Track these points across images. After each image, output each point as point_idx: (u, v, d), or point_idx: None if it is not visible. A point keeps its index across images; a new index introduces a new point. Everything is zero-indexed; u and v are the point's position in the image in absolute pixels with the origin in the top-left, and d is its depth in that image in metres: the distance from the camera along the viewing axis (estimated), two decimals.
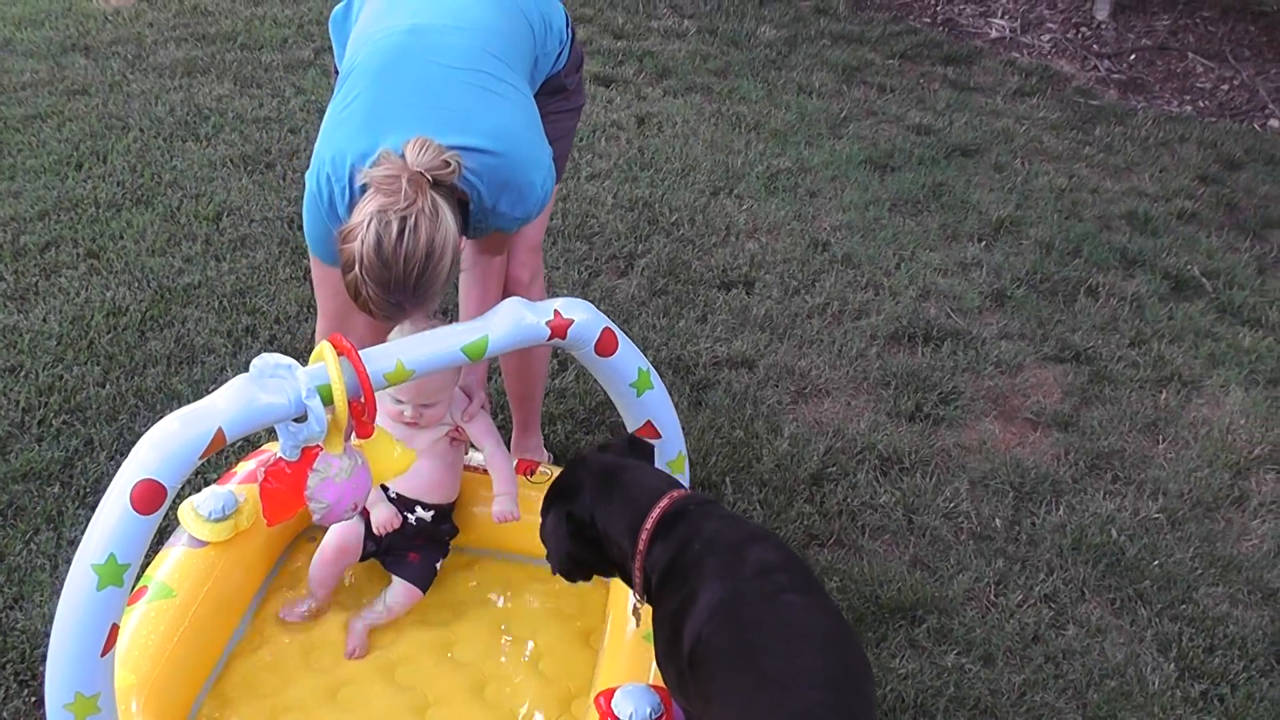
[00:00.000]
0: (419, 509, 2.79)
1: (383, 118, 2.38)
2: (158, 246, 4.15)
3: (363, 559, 2.78)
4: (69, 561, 2.82)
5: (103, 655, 2.03)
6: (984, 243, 4.66)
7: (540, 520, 2.40)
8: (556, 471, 2.96)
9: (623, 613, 2.56)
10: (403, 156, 2.25)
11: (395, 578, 2.74)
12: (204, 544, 2.64)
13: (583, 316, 2.41)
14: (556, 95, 2.78)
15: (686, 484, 2.76)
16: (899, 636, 2.86)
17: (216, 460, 3.16)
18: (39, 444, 3.21)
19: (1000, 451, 3.53)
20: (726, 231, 4.64)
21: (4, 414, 3.31)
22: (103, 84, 5.30)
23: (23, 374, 3.47)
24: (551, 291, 4.18)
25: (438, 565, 2.81)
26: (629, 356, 2.51)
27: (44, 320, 3.71)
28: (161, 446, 2.00)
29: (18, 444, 3.21)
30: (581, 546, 2.30)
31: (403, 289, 2.25)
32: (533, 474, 2.94)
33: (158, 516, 2.01)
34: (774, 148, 5.39)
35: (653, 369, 2.55)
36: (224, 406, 2.04)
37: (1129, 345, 4.08)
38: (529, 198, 2.47)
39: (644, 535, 2.19)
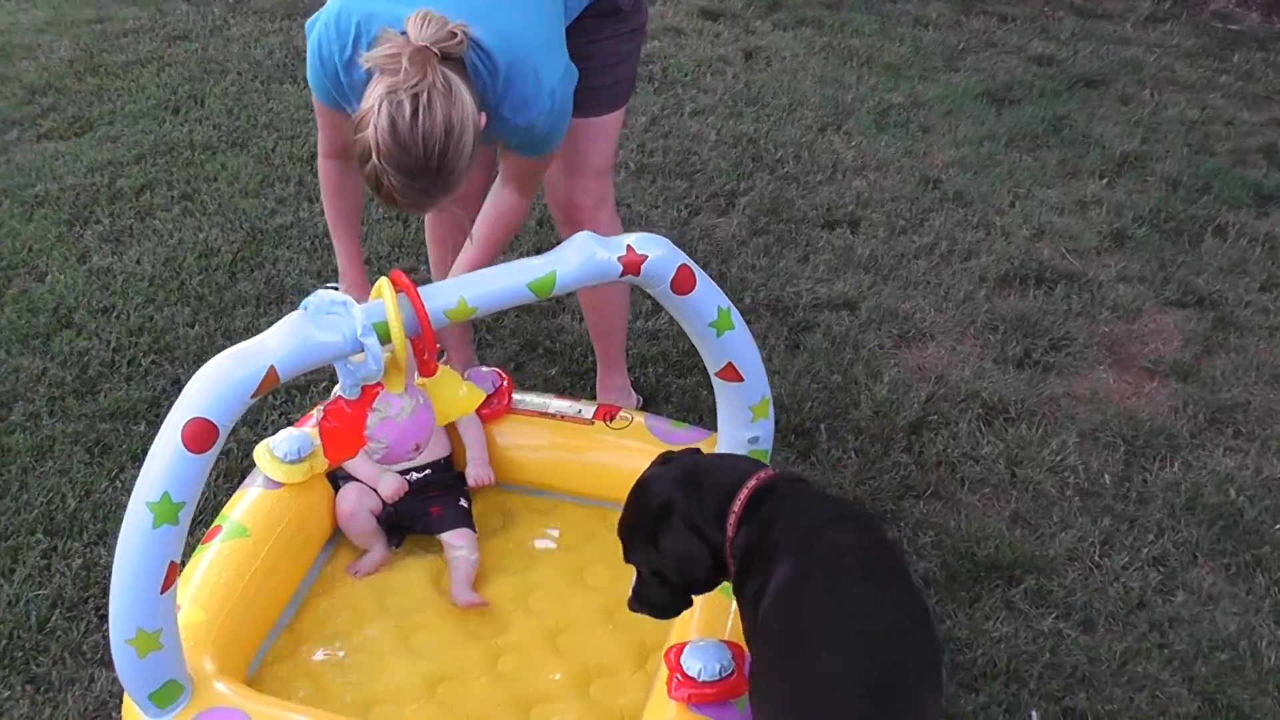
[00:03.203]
0: (413, 473, 2.72)
1: None
2: (251, 188, 4.15)
3: (390, 527, 2.73)
4: None
5: (162, 592, 2.00)
6: (1105, 179, 4.39)
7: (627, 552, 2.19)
8: (637, 415, 2.87)
9: None
10: (404, 34, 2.12)
11: (442, 538, 2.68)
12: (279, 485, 2.61)
13: (658, 252, 2.28)
14: (611, 17, 2.63)
15: (771, 428, 2.64)
16: (994, 597, 2.69)
17: (297, 402, 3.15)
18: (128, 383, 3.23)
19: (1113, 402, 3.31)
20: (833, 169, 4.47)
21: (95, 354, 3.33)
22: (203, 29, 5.33)
23: (115, 315, 3.50)
24: (650, 230, 4.06)
25: (462, 502, 2.74)
26: (708, 294, 2.38)
27: (137, 262, 3.73)
28: (213, 385, 1.95)
29: (107, 383, 3.23)
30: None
31: (426, 172, 2.12)
32: (613, 419, 2.83)
33: (211, 455, 1.96)
34: (886, 82, 5.17)
35: (734, 308, 2.42)
36: (276, 344, 1.98)
37: (1259, 289, 3.79)
38: (534, 105, 2.32)
39: (732, 519, 2.03)
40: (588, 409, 2.87)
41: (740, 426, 2.60)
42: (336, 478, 2.73)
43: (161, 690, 2.10)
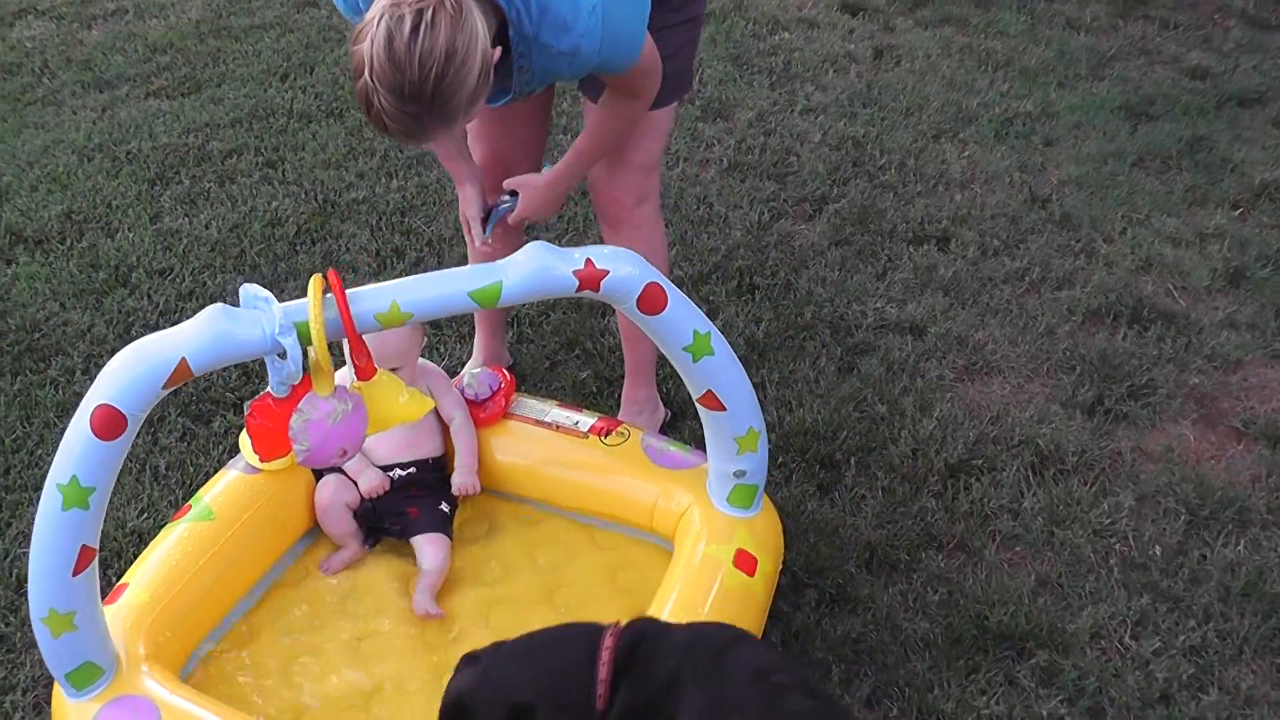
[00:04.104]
0: (396, 470, 2.65)
1: None
2: (335, 160, 4.15)
3: (365, 524, 2.66)
4: (153, 469, 2.89)
5: (75, 575, 1.97)
6: (1239, 210, 3.98)
7: None
8: (635, 431, 2.71)
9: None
10: None
11: (414, 540, 2.59)
12: (256, 471, 2.58)
13: (623, 269, 2.13)
14: (663, 4, 2.46)
15: (762, 462, 2.46)
16: (996, 670, 2.44)
17: None
18: None
19: (1186, 463, 2.98)
20: (937, 180, 4.19)
21: (142, 314, 3.38)
22: None
23: (170, 277, 3.54)
24: (725, 232, 3.90)
25: (443, 506, 2.65)
26: (683, 316, 2.22)
27: (206, 226, 3.77)
28: (124, 372, 1.91)
29: None
30: None
31: (418, 97, 1.97)
32: (608, 435, 2.69)
33: (122, 443, 1.92)
34: (1019, 88, 4.83)
35: (716, 331, 2.25)
36: (189, 337, 1.92)
37: None
38: (574, 27, 2.15)
39: (601, 690, 1.70)
40: (586, 421, 2.73)
41: (726, 459, 2.44)
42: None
43: (78, 671, 2.08)
